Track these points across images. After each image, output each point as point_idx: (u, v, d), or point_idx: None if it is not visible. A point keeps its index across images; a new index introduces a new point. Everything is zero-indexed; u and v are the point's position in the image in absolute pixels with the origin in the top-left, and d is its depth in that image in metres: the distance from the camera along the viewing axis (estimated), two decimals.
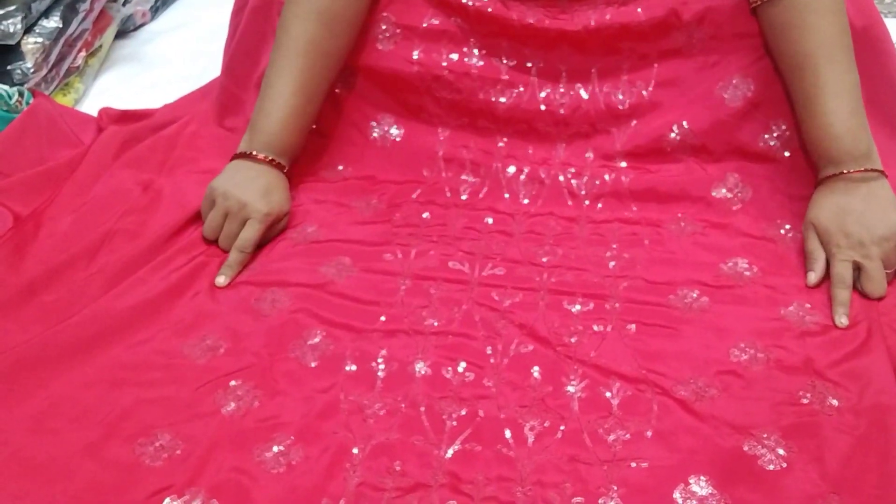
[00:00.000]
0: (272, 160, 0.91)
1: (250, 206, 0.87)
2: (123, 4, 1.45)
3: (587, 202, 0.96)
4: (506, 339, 0.80)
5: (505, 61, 0.98)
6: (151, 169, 0.98)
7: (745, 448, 0.69)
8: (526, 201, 0.97)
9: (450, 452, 0.69)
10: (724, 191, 0.95)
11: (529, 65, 0.98)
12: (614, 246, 0.91)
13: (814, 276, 0.84)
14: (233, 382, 0.75)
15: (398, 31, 0.98)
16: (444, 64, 0.97)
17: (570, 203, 0.96)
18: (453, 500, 0.66)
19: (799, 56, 0.87)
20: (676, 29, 0.95)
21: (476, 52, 0.98)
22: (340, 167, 1.01)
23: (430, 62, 0.97)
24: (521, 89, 0.98)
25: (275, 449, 0.69)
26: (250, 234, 0.87)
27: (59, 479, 0.66)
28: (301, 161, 0.99)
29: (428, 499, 0.66)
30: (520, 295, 0.84)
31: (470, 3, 0.96)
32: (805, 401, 0.72)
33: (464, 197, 0.98)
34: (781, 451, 0.68)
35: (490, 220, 0.95)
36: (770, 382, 0.75)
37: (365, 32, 0.98)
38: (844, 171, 0.86)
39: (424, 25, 0.97)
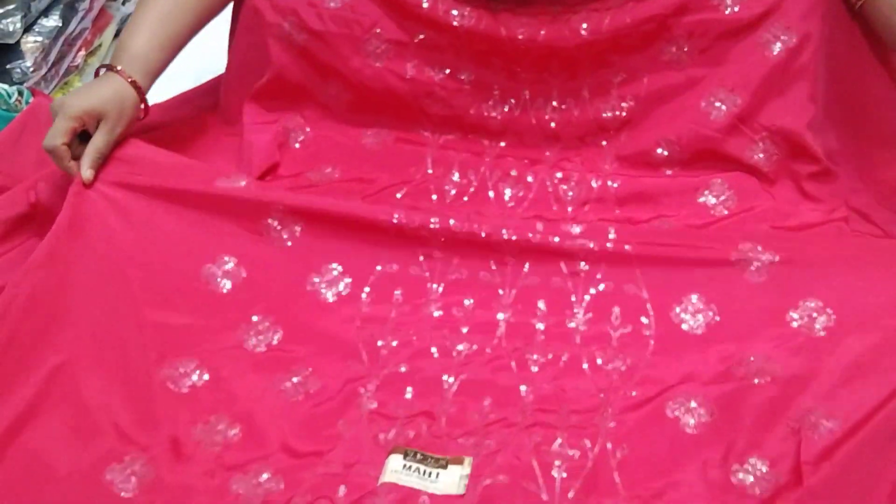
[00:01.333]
0: (131, 79, 0.90)
1: (64, 102, 0.86)
2: (123, 3, 1.46)
3: (570, 208, 0.97)
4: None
5: (497, 81, 0.98)
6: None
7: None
8: (511, 205, 0.97)
9: (456, 385, 0.77)
10: (710, 197, 0.95)
11: (521, 82, 0.98)
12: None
13: None
14: (254, 318, 0.81)
15: (390, 46, 0.98)
16: (437, 80, 0.98)
17: (554, 208, 0.97)
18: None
19: None
20: (666, 42, 0.95)
21: (468, 68, 0.98)
22: (328, 169, 1.01)
23: (423, 78, 0.98)
24: (513, 102, 0.99)
25: (294, 380, 0.77)
26: (53, 128, 0.85)
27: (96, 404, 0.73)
28: (288, 163, 1.00)
29: (437, 425, 0.74)
30: (477, 297, 0.86)
31: (457, 24, 0.95)
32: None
33: (448, 201, 0.98)
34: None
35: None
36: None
37: (356, 47, 0.98)
38: None
39: (416, 41, 0.97)
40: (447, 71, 0.98)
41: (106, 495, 0.69)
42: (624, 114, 0.97)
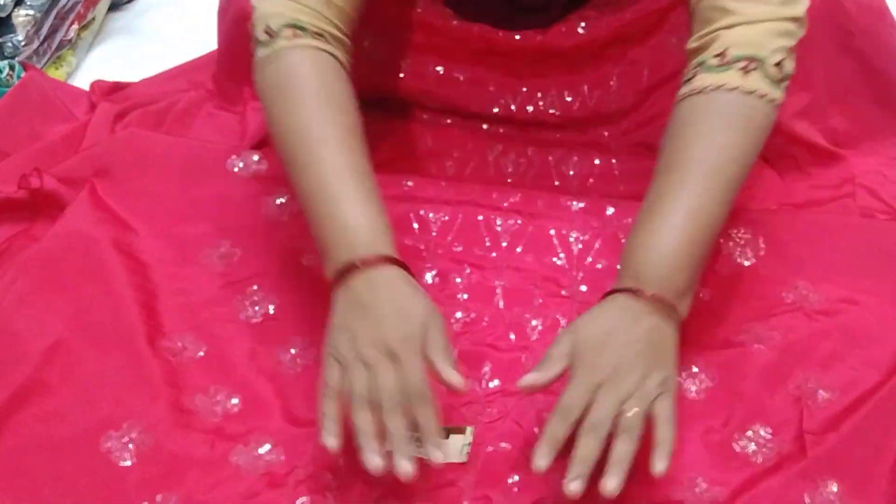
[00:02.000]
0: (387, 257, 0.68)
1: (391, 339, 0.64)
2: None
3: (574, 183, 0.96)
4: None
5: (493, 77, 0.97)
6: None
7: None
8: (510, 179, 0.96)
9: (455, 354, 0.75)
10: None
11: (519, 78, 0.97)
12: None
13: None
14: (250, 287, 0.82)
15: (385, 45, 0.96)
16: (432, 78, 0.97)
17: (557, 183, 0.96)
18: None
19: (676, 158, 0.73)
20: (667, 32, 0.93)
21: (464, 66, 0.97)
22: None
23: (418, 76, 0.97)
24: (511, 97, 0.98)
25: (292, 350, 0.78)
26: (413, 378, 0.63)
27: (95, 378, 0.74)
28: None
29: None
30: (474, 266, 0.86)
31: (455, 24, 0.94)
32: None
33: (447, 176, 0.97)
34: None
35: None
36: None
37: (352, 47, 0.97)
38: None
39: (412, 39, 0.96)
40: (440, 68, 0.97)
41: (104, 464, 0.69)
42: (625, 104, 0.97)
